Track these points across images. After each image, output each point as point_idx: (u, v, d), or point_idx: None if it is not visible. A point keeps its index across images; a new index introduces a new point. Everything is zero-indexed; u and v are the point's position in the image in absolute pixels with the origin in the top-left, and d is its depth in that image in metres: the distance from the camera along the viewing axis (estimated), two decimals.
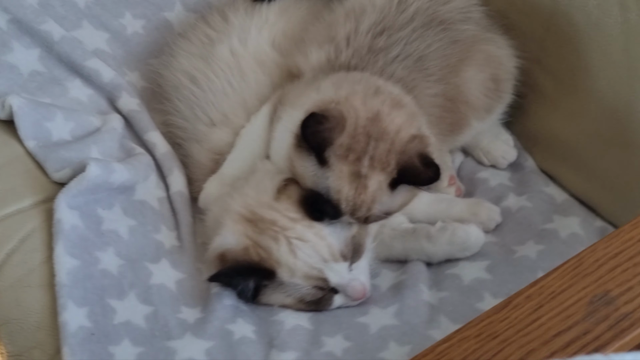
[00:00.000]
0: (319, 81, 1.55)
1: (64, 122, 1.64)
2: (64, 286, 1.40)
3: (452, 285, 1.54)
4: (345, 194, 1.45)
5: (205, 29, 1.76)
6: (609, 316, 1.07)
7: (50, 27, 1.73)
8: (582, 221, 1.67)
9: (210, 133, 1.65)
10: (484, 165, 1.82)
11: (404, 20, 1.63)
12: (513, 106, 1.81)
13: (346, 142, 1.45)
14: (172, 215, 1.64)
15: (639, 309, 1.07)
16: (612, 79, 1.65)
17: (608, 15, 1.64)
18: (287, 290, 1.47)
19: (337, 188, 1.45)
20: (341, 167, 1.45)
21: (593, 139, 1.71)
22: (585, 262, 1.13)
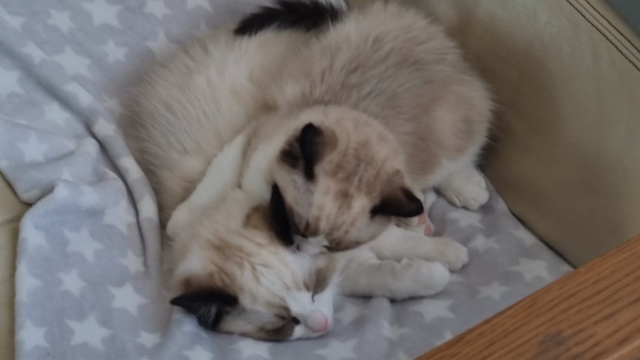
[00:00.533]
0: (297, 113, 1.57)
1: (37, 144, 1.65)
2: (23, 305, 1.41)
3: (413, 322, 1.54)
4: (327, 211, 1.45)
5: (185, 60, 1.79)
6: (560, 356, 1.07)
7: (31, 51, 1.75)
8: (549, 265, 1.68)
9: (182, 161, 1.67)
10: (456, 206, 1.84)
11: (378, 58, 1.66)
12: (486, 149, 1.84)
13: (336, 159, 1.46)
14: (140, 240, 1.65)
15: (590, 350, 1.07)
16: (582, 125, 1.67)
17: (580, 63, 1.67)
18: (249, 318, 1.47)
19: (320, 204, 1.45)
20: (328, 184, 1.45)
21: (562, 184, 1.73)
22: (539, 302, 1.13)
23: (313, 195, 1.45)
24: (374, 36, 1.68)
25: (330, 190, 1.45)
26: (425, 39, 1.73)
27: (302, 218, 1.46)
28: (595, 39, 1.66)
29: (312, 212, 1.45)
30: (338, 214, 1.46)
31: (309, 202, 1.45)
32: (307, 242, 1.48)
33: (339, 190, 1.45)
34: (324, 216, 1.45)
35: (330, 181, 1.46)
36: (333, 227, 1.46)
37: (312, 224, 1.46)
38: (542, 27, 1.72)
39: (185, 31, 1.94)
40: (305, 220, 1.46)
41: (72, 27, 1.84)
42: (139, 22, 1.91)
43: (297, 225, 1.46)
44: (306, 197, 1.45)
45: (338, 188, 1.45)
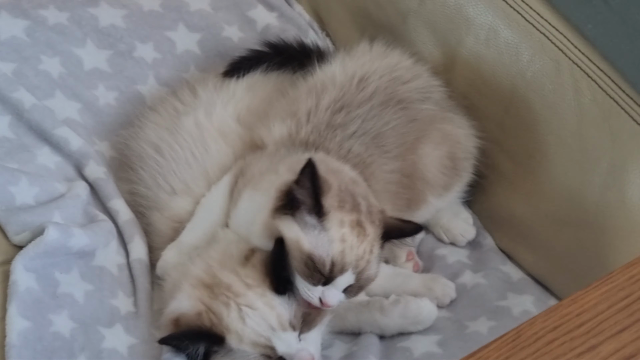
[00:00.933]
0: (277, 164, 1.58)
1: (28, 187, 1.67)
2: (13, 347, 1.41)
3: (402, 358, 1.55)
4: (350, 243, 1.44)
5: (174, 102, 1.81)
6: None
7: (22, 96, 1.77)
8: (536, 300, 1.69)
9: (171, 201, 1.68)
10: (444, 242, 1.85)
11: (363, 98, 1.68)
12: (473, 185, 1.86)
13: (338, 194, 1.48)
14: (131, 281, 1.66)
15: None
16: (565, 161, 1.70)
17: (562, 99, 1.70)
18: (236, 357, 1.47)
19: (342, 237, 1.44)
20: (341, 216, 1.45)
21: (548, 219, 1.75)
22: (523, 335, 1.14)
23: (330, 231, 1.45)
24: (359, 76, 1.71)
25: (345, 222, 1.46)
26: (410, 78, 1.76)
27: (326, 259, 1.44)
28: (576, 76, 1.69)
29: (335, 247, 1.44)
30: (359, 243, 1.45)
31: (329, 239, 1.45)
32: (332, 287, 1.46)
33: (352, 220, 1.46)
34: (348, 248, 1.45)
35: (341, 213, 1.46)
36: (357, 258, 1.45)
37: (338, 260, 1.45)
38: (525, 65, 1.75)
39: (174, 74, 1.97)
40: (330, 260, 1.44)
41: (63, 72, 1.87)
42: (129, 66, 1.93)
43: (321, 269, 1.44)
44: (323, 236, 1.45)
45: (351, 218, 1.46)
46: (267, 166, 1.60)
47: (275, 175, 1.55)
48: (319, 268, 1.44)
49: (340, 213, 1.46)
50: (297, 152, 1.61)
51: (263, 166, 1.61)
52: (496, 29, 1.79)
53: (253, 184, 1.57)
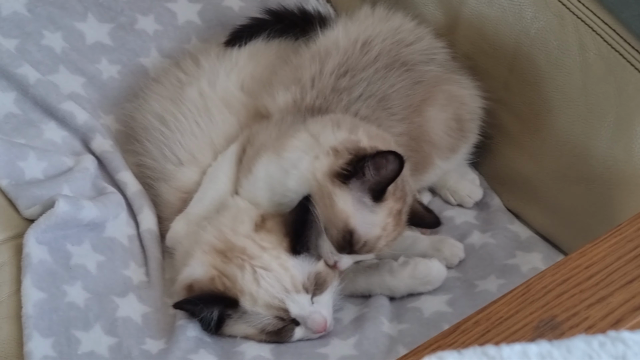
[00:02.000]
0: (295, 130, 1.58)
1: (36, 162, 1.68)
2: (29, 317, 1.43)
3: (412, 318, 1.57)
4: (388, 231, 1.49)
5: (177, 73, 1.81)
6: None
7: (26, 71, 1.78)
8: (545, 257, 1.70)
9: (177, 172, 1.69)
10: (451, 204, 1.85)
11: (367, 61, 1.68)
12: (479, 146, 1.85)
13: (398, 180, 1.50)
14: (142, 252, 1.67)
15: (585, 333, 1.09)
16: (571, 117, 1.69)
17: (567, 55, 1.69)
18: (250, 320, 1.49)
19: (385, 225, 1.49)
20: (392, 205, 1.49)
21: (555, 177, 1.75)
22: (533, 289, 1.15)
23: (377, 215, 1.49)
24: (362, 39, 1.70)
25: (393, 211, 1.50)
26: (414, 40, 1.75)
27: (362, 237, 1.49)
28: (581, 31, 1.68)
29: (374, 232, 1.49)
30: (394, 231, 1.51)
31: (373, 223, 1.49)
32: (351, 258, 1.52)
33: (397, 209, 1.50)
34: (384, 235, 1.50)
35: (393, 202, 1.50)
36: (387, 243, 1.51)
37: (371, 243, 1.50)
38: (529, 22, 1.74)
39: (176, 46, 1.96)
40: (364, 240, 1.49)
41: (66, 46, 1.87)
42: (131, 39, 1.93)
43: (355, 245, 1.49)
44: (370, 218, 1.49)
45: (397, 208, 1.50)
46: (275, 135, 1.60)
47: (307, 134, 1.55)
48: (352, 243, 1.49)
49: (392, 201, 1.49)
50: (304, 119, 1.62)
51: (272, 135, 1.61)
52: None
53: (273, 151, 1.57)
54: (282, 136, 1.59)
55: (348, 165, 1.49)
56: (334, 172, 1.49)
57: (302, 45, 1.77)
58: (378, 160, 1.46)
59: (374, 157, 1.46)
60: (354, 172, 1.48)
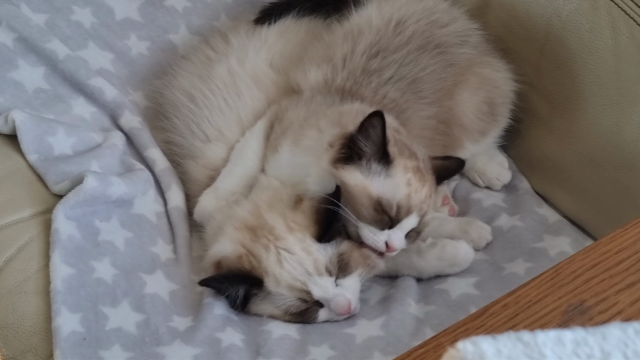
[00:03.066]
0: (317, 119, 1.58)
1: (65, 138, 1.69)
2: (58, 293, 1.44)
3: (439, 300, 1.56)
4: (414, 186, 1.49)
5: (206, 51, 1.81)
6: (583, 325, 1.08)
7: (56, 46, 1.78)
8: (573, 241, 1.69)
9: (205, 149, 1.69)
10: (479, 186, 1.85)
11: (400, 42, 1.67)
12: (508, 129, 1.85)
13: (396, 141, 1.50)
14: (169, 229, 1.67)
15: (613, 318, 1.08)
16: (602, 100, 1.68)
17: (600, 38, 1.67)
18: (274, 301, 1.50)
19: (408, 181, 1.49)
20: (404, 162, 1.50)
21: (585, 161, 1.74)
22: (562, 273, 1.15)
23: (396, 176, 1.49)
24: (396, 19, 1.69)
25: (409, 167, 1.50)
26: (448, 21, 1.74)
27: (393, 202, 1.49)
28: (613, 14, 1.66)
29: (401, 191, 1.49)
30: (421, 187, 1.50)
31: (395, 184, 1.49)
32: (398, 231, 1.51)
33: (414, 166, 1.50)
34: (413, 192, 1.50)
35: (404, 160, 1.50)
36: (421, 201, 1.51)
37: (405, 203, 1.50)
38: (561, 4, 1.72)
39: (205, 23, 1.96)
40: (396, 203, 1.49)
41: (95, 22, 1.87)
42: (160, 16, 1.93)
43: (389, 212, 1.49)
44: (389, 181, 1.49)
45: (412, 164, 1.50)
46: (303, 114, 1.60)
47: (317, 131, 1.55)
48: (386, 211, 1.49)
49: (404, 159, 1.49)
50: (333, 100, 1.61)
51: (300, 114, 1.61)
52: None
53: (294, 138, 1.57)
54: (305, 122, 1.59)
55: (342, 149, 1.50)
56: (335, 159, 1.51)
57: (335, 23, 1.76)
58: (362, 129, 1.47)
59: (359, 130, 1.47)
60: (351, 152, 1.49)
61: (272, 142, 1.61)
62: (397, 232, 1.51)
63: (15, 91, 1.74)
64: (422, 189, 1.50)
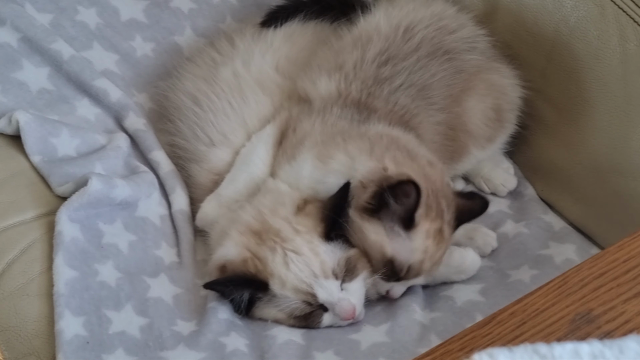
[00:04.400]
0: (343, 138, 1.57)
1: (69, 139, 1.68)
2: (61, 296, 1.44)
3: (445, 306, 1.56)
4: (430, 252, 1.49)
5: (211, 53, 1.81)
6: (591, 334, 1.08)
7: (60, 47, 1.77)
8: (578, 248, 1.69)
9: (209, 153, 1.69)
10: (485, 192, 1.84)
11: (409, 49, 1.67)
12: (514, 135, 1.84)
13: (426, 202, 1.48)
14: (173, 232, 1.67)
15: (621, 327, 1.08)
16: (610, 108, 1.68)
17: (607, 45, 1.67)
18: (279, 304, 1.49)
19: (425, 248, 1.49)
20: (427, 227, 1.48)
21: (591, 168, 1.73)
22: (570, 281, 1.14)
23: (415, 242, 1.49)
24: (404, 26, 1.69)
25: (430, 232, 1.49)
26: (456, 27, 1.74)
27: (405, 265, 1.50)
28: (621, 21, 1.66)
29: (416, 257, 1.49)
30: (437, 251, 1.50)
31: (412, 249, 1.49)
32: (401, 285, 1.53)
33: (436, 229, 1.49)
34: (428, 258, 1.49)
35: (428, 224, 1.49)
36: (433, 264, 1.51)
37: (416, 267, 1.50)
38: (569, 11, 1.72)
39: (211, 25, 1.96)
40: (407, 267, 1.50)
41: (100, 23, 1.87)
42: (166, 17, 1.93)
43: (399, 273, 1.50)
44: (407, 244, 1.49)
45: (435, 228, 1.49)
46: (320, 127, 1.59)
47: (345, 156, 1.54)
48: (396, 271, 1.50)
49: (427, 223, 1.49)
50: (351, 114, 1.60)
51: (316, 125, 1.60)
52: None
53: (318, 154, 1.56)
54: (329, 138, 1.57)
55: (372, 198, 1.49)
56: (361, 207, 1.50)
57: (343, 29, 1.75)
58: (397, 191, 1.46)
59: (393, 188, 1.46)
60: (379, 205, 1.48)
61: (287, 150, 1.60)
62: (400, 287, 1.53)
63: (19, 91, 1.73)
64: (438, 252, 1.50)
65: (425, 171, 1.53)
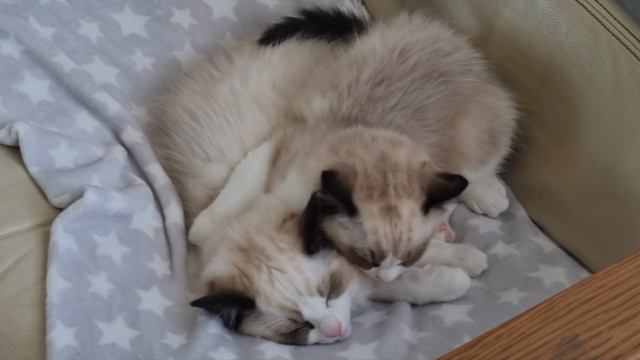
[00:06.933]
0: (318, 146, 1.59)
1: (67, 151, 1.70)
2: (54, 306, 1.45)
3: (433, 326, 1.57)
4: (382, 231, 1.48)
5: (210, 69, 1.82)
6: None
7: (62, 60, 1.80)
8: (568, 272, 1.69)
9: (205, 169, 1.70)
10: (476, 213, 1.85)
11: (404, 70, 1.68)
12: (507, 158, 1.85)
13: (365, 182, 1.49)
14: (167, 245, 1.68)
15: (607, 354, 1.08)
16: (601, 133, 1.69)
17: (600, 71, 1.68)
18: (265, 321, 1.50)
19: (373, 228, 1.48)
20: (370, 207, 1.48)
21: (582, 192, 1.74)
22: (556, 306, 1.15)
23: (362, 225, 1.49)
24: (400, 48, 1.70)
25: (375, 212, 1.49)
26: (452, 50, 1.75)
27: (364, 250, 1.50)
28: (615, 48, 1.68)
29: (369, 239, 1.49)
30: (393, 229, 1.49)
31: (363, 233, 1.49)
32: (382, 268, 1.53)
33: (381, 208, 1.49)
34: (382, 237, 1.49)
35: (370, 205, 1.49)
36: (395, 242, 1.49)
37: (376, 249, 1.50)
38: (563, 36, 1.74)
39: (210, 41, 1.98)
40: (368, 250, 1.50)
41: (101, 37, 1.89)
42: (166, 32, 1.95)
43: (364, 258, 1.51)
44: (357, 230, 1.49)
45: (380, 207, 1.49)
46: (309, 143, 1.61)
47: (317, 161, 1.55)
48: (362, 257, 1.51)
49: (369, 204, 1.49)
50: (338, 128, 1.62)
51: (306, 142, 1.62)
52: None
53: (300, 167, 1.58)
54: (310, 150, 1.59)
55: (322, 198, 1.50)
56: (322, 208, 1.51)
57: (340, 49, 1.76)
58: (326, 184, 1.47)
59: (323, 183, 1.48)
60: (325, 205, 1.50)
61: (280, 168, 1.62)
62: (382, 270, 1.53)
63: (20, 103, 1.76)
64: (395, 228, 1.49)
65: (381, 150, 1.52)
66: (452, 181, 1.52)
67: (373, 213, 1.48)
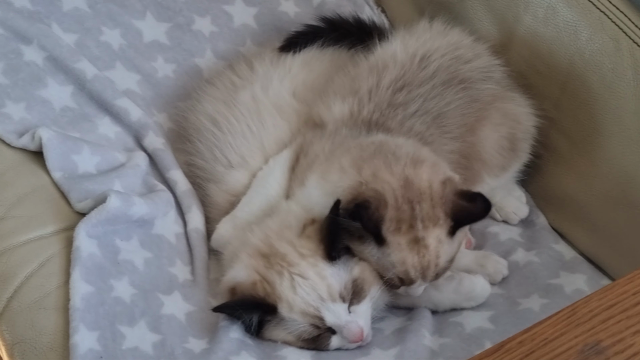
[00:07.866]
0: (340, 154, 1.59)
1: (90, 156, 1.71)
2: (77, 310, 1.46)
3: (454, 333, 1.57)
4: (410, 263, 1.50)
5: (231, 76, 1.83)
6: None
7: (84, 66, 1.81)
8: (589, 278, 1.69)
9: (227, 175, 1.71)
10: (496, 220, 1.85)
11: (425, 77, 1.68)
12: (527, 164, 1.85)
13: (394, 215, 1.49)
14: (188, 250, 1.69)
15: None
16: (622, 140, 1.68)
17: (621, 78, 1.68)
18: (287, 327, 1.51)
19: (401, 260, 1.50)
20: (399, 240, 1.49)
21: (603, 199, 1.74)
22: (579, 312, 1.15)
23: (390, 256, 1.50)
24: (420, 54, 1.71)
25: (402, 245, 1.49)
26: (472, 57, 1.75)
27: (393, 277, 1.51)
28: (636, 55, 1.67)
29: (397, 269, 1.50)
30: (420, 259, 1.50)
31: (391, 264, 1.50)
32: (410, 289, 1.54)
33: (409, 241, 1.49)
34: (410, 267, 1.50)
35: (399, 238, 1.49)
36: (423, 270, 1.51)
37: (404, 277, 1.51)
38: (584, 43, 1.74)
39: (231, 48, 1.99)
40: (396, 277, 1.51)
41: (123, 43, 1.91)
42: (187, 39, 1.96)
43: (393, 282, 1.53)
44: (385, 259, 1.50)
45: (408, 239, 1.49)
46: (329, 147, 1.61)
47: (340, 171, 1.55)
48: (391, 283, 1.53)
49: (397, 237, 1.49)
50: (359, 132, 1.63)
51: (325, 147, 1.62)
52: (555, 7, 1.77)
53: (320, 173, 1.58)
54: (332, 155, 1.60)
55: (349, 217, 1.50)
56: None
57: (360, 56, 1.77)
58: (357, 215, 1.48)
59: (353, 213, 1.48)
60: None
61: (298, 174, 1.63)
62: (410, 289, 1.54)
63: (43, 109, 1.77)
64: (422, 258, 1.50)
65: (405, 175, 1.52)
66: (475, 202, 1.52)
67: (401, 246, 1.50)
